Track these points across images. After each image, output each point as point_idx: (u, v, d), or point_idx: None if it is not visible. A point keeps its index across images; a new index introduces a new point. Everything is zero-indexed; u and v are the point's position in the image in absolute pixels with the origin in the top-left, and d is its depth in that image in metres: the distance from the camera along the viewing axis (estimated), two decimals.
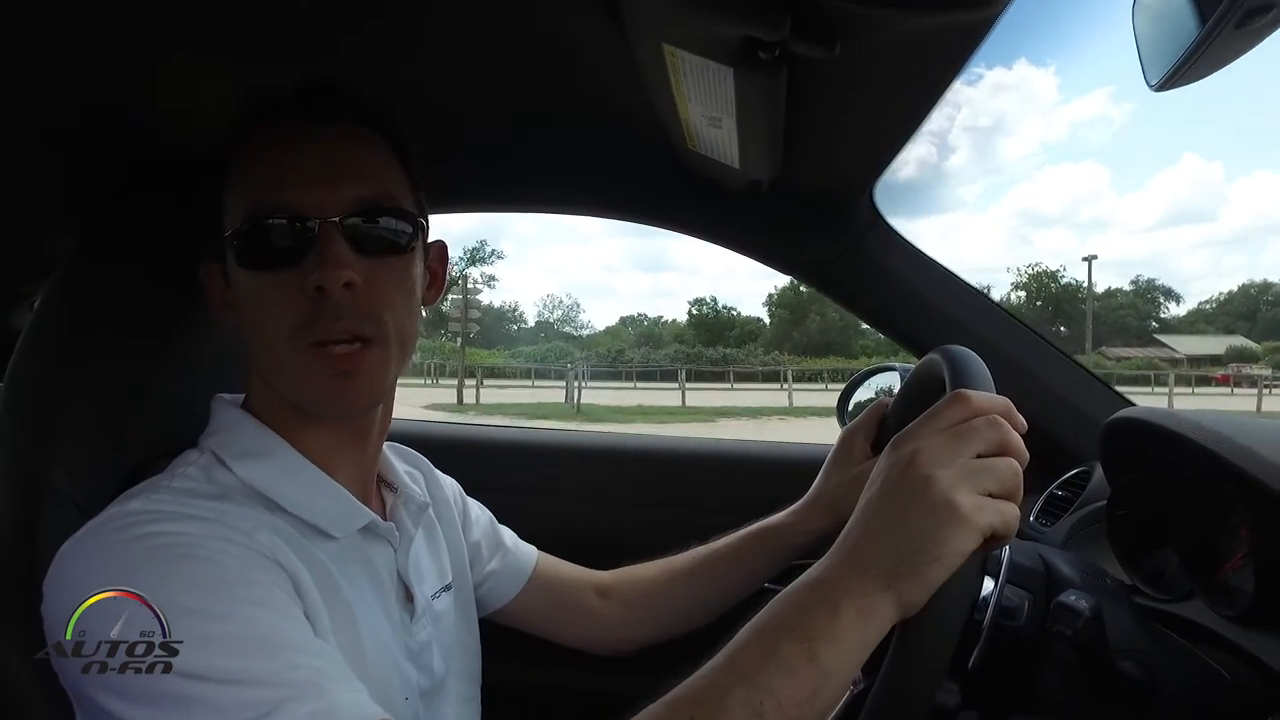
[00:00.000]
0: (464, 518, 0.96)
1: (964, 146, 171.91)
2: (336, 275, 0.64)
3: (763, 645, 0.52)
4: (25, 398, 0.76)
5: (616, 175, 1.16)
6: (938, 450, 0.53)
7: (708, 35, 0.66)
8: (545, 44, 0.81)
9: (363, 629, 0.68)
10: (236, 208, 0.68)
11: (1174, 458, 0.80)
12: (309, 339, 0.65)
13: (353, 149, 0.69)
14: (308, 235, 0.65)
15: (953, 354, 0.72)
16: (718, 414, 22.17)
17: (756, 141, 0.85)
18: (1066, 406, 1.18)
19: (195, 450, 0.71)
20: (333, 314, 0.65)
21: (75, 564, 0.59)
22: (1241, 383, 42.84)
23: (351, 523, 0.72)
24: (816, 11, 0.60)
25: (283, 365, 0.67)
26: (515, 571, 0.99)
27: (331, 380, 0.66)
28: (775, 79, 0.70)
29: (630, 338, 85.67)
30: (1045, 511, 1.14)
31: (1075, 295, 79.23)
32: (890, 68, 0.70)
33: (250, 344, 0.71)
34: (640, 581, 1.01)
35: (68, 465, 0.74)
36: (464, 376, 29.09)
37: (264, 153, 0.68)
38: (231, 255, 0.68)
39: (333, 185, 0.67)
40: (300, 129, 0.68)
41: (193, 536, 0.59)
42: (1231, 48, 0.41)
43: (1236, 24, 0.37)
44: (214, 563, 0.58)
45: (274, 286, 0.66)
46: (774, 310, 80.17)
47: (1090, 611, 0.64)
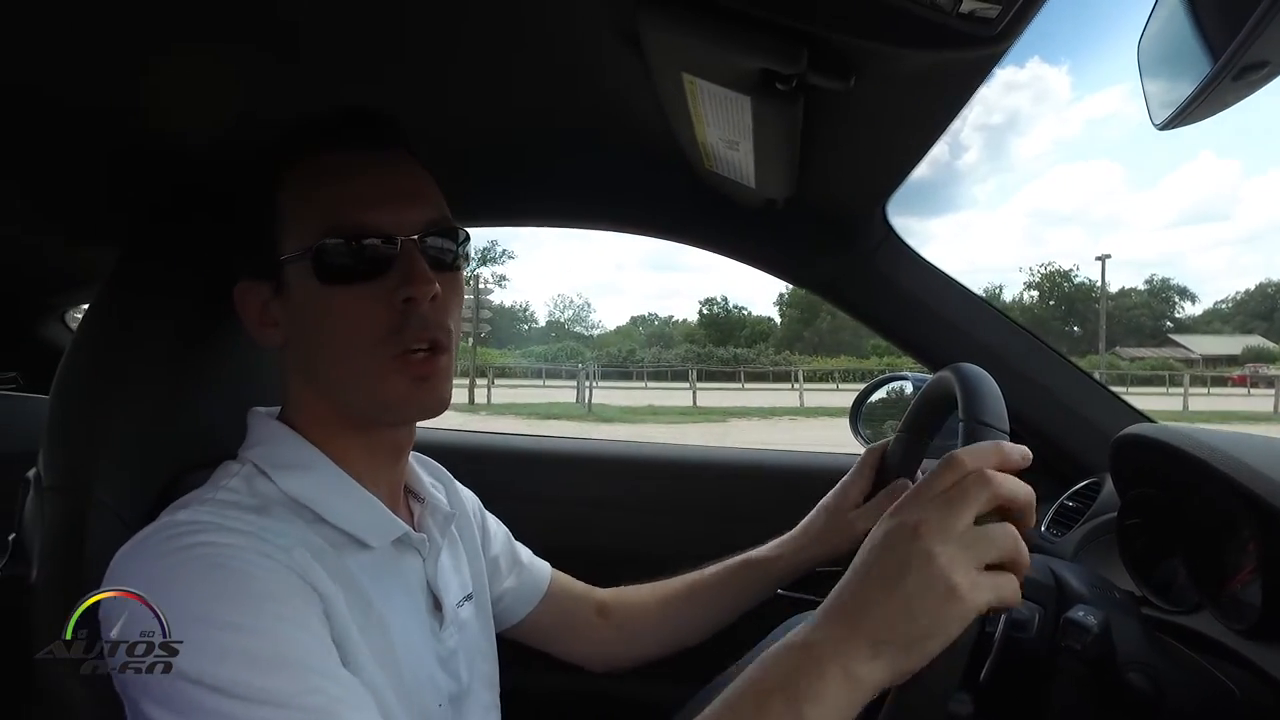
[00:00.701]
0: (483, 531, 0.99)
1: (976, 145, 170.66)
2: (427, 289, 0.69)
3: (755, 701, 0.53)
4: (70, 414, 0.79)
5: (633, 192, 1.18)
6: (937, 522, 0.53)
7: (727, 67, 0.68)
8: (566, 70, 0.83)
9: (396, 639, 0.70)
10: (307, 226, 0.70)
11: (1182, 472, 0.81)
12: (394, 348, 0.70)
13: (414, 173, 0.75)
14: (391, 252, 0.70)
15: (964, 373, 0.73)
16: (729, 414, 22.10)
17: (772, 164, 0.87)
18: (1078, 418, 1.19)
19: (236, 462, 0.73)
20: (418, 323, 0.70)
21: (126, 573, 0.61)
22: (1259, 383, 42.29)
23: (388, 534, 0.74)
24: (832, 46, 0.62)
25: (363, 373, 0.70)
26: (531, 589, 1.02)
27: (411, 385, 0.71)
28: (792, 107, 0.72)
29: (641, 337, 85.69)
30: (1056, 522, 1.15)
31: (1089, 295, 78.48)
32: (903, 97, 0.72)
33: (313, 357, 0.74)
34: (635, 604, 1.04)
35: (110, 479, 0.77)
36: (475, 376, 29.17)
37: (334, 174, 0.71)
38: (306, 271, 0.70)
39: (408, 206, 0.72)
40: (363, 154, 0.72)
41: (231, 548, 0.60)
42: (1231, 95, 0.43)
43: (1234, 77, 0.40)
44: (246, 575, 0.59)
45: (358, 299, 0.70)
46: (785, 310, 79.96)
47: (1099, 628, 0.66)
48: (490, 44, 0.78)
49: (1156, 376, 44.09)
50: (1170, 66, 0.47)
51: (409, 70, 0.83)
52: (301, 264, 0.71)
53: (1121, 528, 0.90)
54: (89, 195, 1.05)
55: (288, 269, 0.72)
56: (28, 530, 0.79)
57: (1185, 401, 26.74)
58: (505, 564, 1.00)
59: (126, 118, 0.86)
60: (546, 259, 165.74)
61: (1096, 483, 1.14)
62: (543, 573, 1.04)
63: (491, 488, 1.04)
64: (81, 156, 0.94)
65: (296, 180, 0.72)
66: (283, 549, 0.63)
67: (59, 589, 0.74)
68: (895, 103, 0.74)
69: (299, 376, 0.76)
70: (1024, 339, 1.22)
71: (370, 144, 0.73)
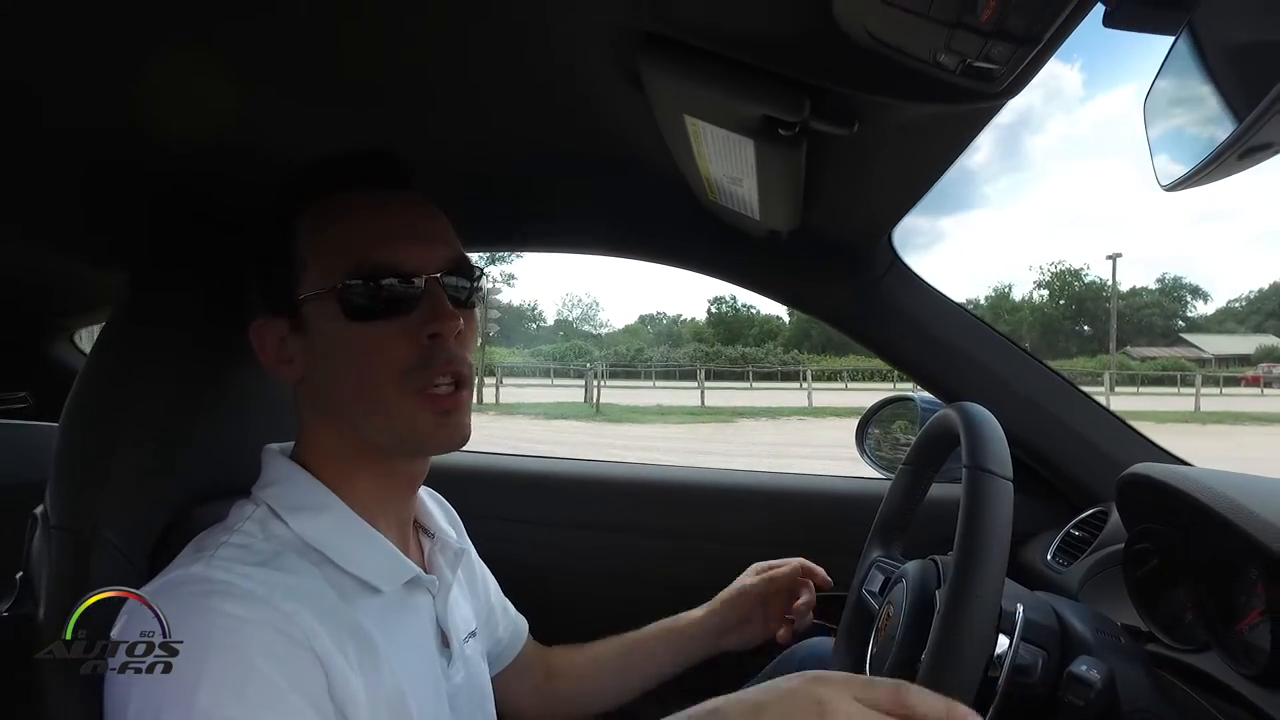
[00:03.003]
0: (484, 577, 1.00)
1: (987, 144, 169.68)
2: (452, 325, 0.71)
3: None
4: (79, 452, 0.79)
5: (639, 221, 1.19)
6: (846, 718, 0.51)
7: (728, 112, 0.68)
8: (571, 107, 0.84)
9: (404, 683, 0.70)
10: (329, 264, 0.71)
11: (1188, 512, 0.80)
12: (419, 383, 0.71)
13: (431, 213, 0.76)
14: (415, 290, 0.71)
15: (968, 414, 0.73)
16: (737, 414, 22.06)
17: (776, 199, 0.87)
18: (1085, 445, 1.18)
19: (250, 503, 0.74)
20: (443, 358, 0.71)
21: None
22: (1272, 383, 41.99)
23: (398, 576, 0.75)
24: (834, 96, 0.62)
25: (387, 407, 0.71)
26: (514, 642, 1.03)
27: (435, 419, 0.72)
28: (795, 150, 0.72)
29: (649, 336, 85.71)
30: (1062, 551, 1.14)
31: (1099, 293, 77.98)
32: (905, 142, 0.72)
33: (333, 392, 0.74)
34: (573, 666, 1.05)
35: (116, 517, 0.77)
36: (483, 375, 29.25)
37: (356, 213, 0.73)
38: (329, 307, 0.71)
39: (430, 246, 0.73)
40: (383, 193, 0.74)
41: (237, 620, 0.60)
42: (1236, 169, 0.42)
43: (1239, 157, 0.39)
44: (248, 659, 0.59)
45: (384, 335, 0.71)
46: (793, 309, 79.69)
47: (1103, 683, 0.65)
48: (496, 80, 0.78)
49: (1168, 376, 43.78)
50: (1178, 140, 0.47)
51: (416, 104, 0.83)
52: (323, 301, 0.71)
53: (1128, 560, 0.89)
54: (98, 218, 1.06)
55: (307, 306, 0.72)
56: (35, 568, 0.80)
57: (1197, 402, 26.45)
58: (499, 614, 1.01)
59: (135, 137, 0.86)
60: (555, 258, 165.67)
61: (1103, 511, 1.13)
62: (522, 628, 1.05)
63: (474, 508, 1.04)
64: (88, 176, 0.94)
65: (316, 219, 0.73)
66: (287, 615, 0.63)
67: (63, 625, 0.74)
68: (897, 147, 0.74)
69: (315, 412, 0.76)
70: (1031, 365, 1.22)
71: (389, 184, 0.75)
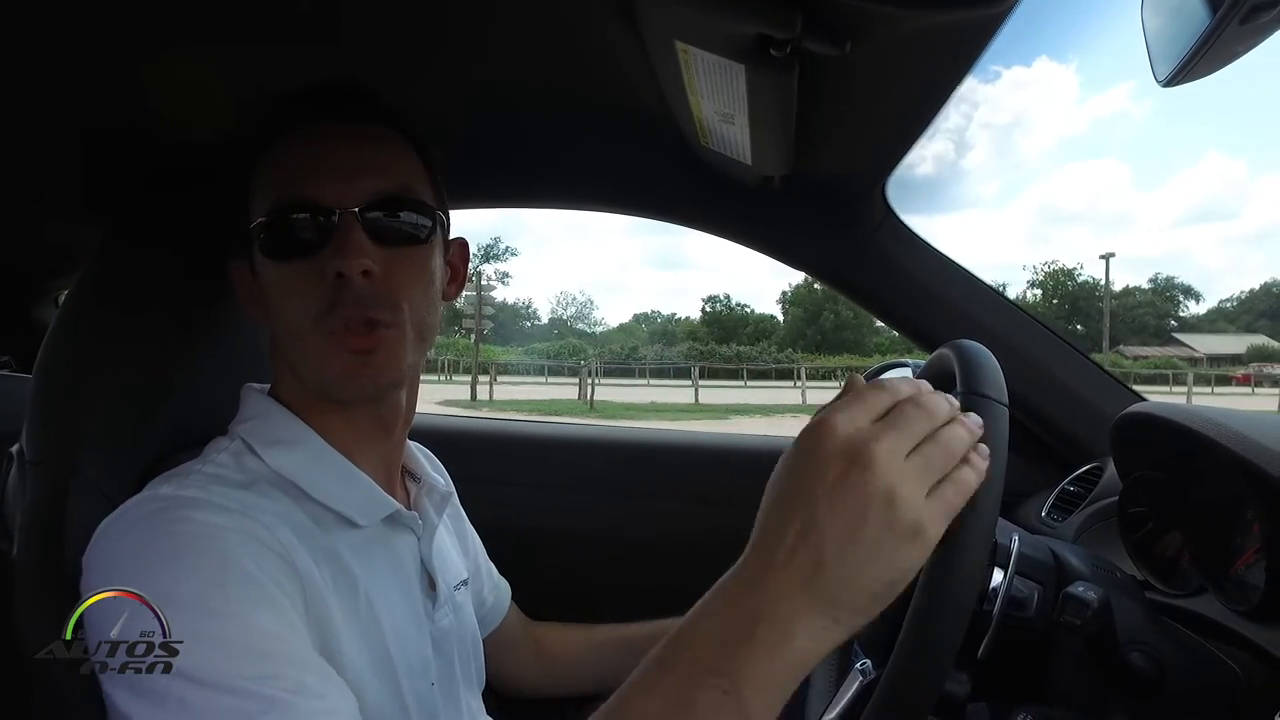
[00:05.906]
0: (473, 537, 1.00)
1: (982, 143, 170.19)
2: (356, 263, 0.66)
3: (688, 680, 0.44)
4: (54, 389, 0.78)
5: (630, 171, 1.17)
6: (887, 453, 0.45)
7: (720, 33, 0.66)
8: (559, 43, 0.82)
9: (383, 618, 0.69)
10: (261, 201, 0.70)
11: (1185, 453, 0.80)
12: (330, 325, 0.67)
13: (373, 144, 0.72)
14: (329, 226, 0.68)
15: (962, 347, 0.72)
16: (731, 411, 22.10)
17: (768, 137, 0.86)
18: (1079, 401, 1.18)
19: (226, 438, 0.72)
20: (353, 300, 0.67)
21: (107, 544, 0.60)
22: (1263, 382, 42.31)
23: (376, 512, 0.73)
24: (827, 10, 0.61)
25: (307, 350, 0.70)
26: (498, 605, 1.02)
27: (350, 360, 0.68)
28: (787, 75, 0.70)
29: (644, 335, 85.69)
30: (1057, 507, 1.14)
31: (1092, 293, 78.30)
32: (901, 64, 0.71)
33: (276, 333, 0.73)
34: (567, 644, 1.04)
35: (95, 455, 0.76)
36: (478, 373, 29.21)
37: (290, 149, 0.70)
38: (257, 247, 0.70)
39: (353, 178, 0.69)
40: (325, 127, 0.71)
41: (213, 526, 0.60)
42: (1238, 43, 0.41)
43: (1241, 20, 0.38)
44: (225, 558, 0.58)
45: (297, 275, 0.69)
46: (788, 308, 79.80)
47: (1098, 603, 0.64)
48: (481, 19, 0.76)
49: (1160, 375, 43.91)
50: (1174, 15, 0.45)
51: (399, 49, 0.82)
52: (254, 239, 0.70)
53: (1123, 511, 0.89)
54: (76, 173, 1.04)
55: (253, 243, 0.71)
56: (9, 505, 0.78)
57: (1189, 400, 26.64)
58: (485, 576, 1.00)
59: (117, 93, 0.84)
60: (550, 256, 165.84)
61: (1098, 467, 1.13)
62: (506, 594, 1.04)
63: (471, 471, 1.03)
64: (69, 131, 0.93)
65: (268, 153, 0.72)
66: (266, 526, 0.62)
67: (39, 564, 0.73)
68: (893, 71, 0.72)
69: (277, 352, 0.75)
70: (1024, 321, 1.21)
71: (334, 116, 0.71)
